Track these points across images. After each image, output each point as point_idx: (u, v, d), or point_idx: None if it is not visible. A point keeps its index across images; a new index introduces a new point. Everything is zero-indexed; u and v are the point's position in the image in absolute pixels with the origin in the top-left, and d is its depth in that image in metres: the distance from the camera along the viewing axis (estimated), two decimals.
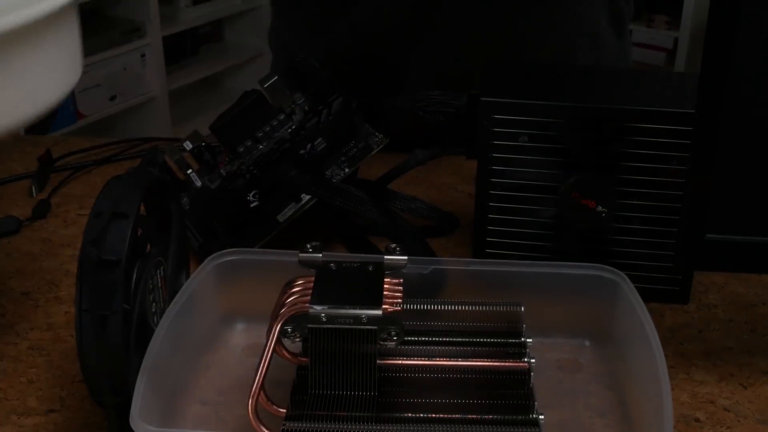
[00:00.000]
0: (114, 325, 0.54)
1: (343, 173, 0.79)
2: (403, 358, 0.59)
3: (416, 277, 0.65)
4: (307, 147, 0.76)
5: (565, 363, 0.66)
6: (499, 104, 0.70)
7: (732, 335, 0.71)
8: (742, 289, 0.77)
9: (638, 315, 0.59)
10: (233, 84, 3.37)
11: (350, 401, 0.56)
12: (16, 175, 0.95)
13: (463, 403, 0.56)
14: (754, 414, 0.63)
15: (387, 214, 0.70)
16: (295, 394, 0.57)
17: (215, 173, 0.81)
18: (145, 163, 0.62)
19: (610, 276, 0.64)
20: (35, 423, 0.62)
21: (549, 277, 0.65)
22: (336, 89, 0.79)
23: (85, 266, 0.53)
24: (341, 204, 0.70)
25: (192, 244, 0.80)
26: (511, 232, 0.74)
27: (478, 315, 0.62)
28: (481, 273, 0.65)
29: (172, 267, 0.66)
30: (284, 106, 0.82)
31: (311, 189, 0.71)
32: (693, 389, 0.65)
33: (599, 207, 0.71)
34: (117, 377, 0.55)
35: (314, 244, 0.61)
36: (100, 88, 2.73)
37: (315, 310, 0.56)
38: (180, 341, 0.61)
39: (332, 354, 0.56)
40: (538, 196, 0.73)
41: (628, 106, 0.69)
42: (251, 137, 0.80)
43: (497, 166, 0.72)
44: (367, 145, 0.79)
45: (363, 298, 0.57)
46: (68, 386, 0.66)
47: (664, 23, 3.52)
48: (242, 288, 0.67)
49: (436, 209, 0.70)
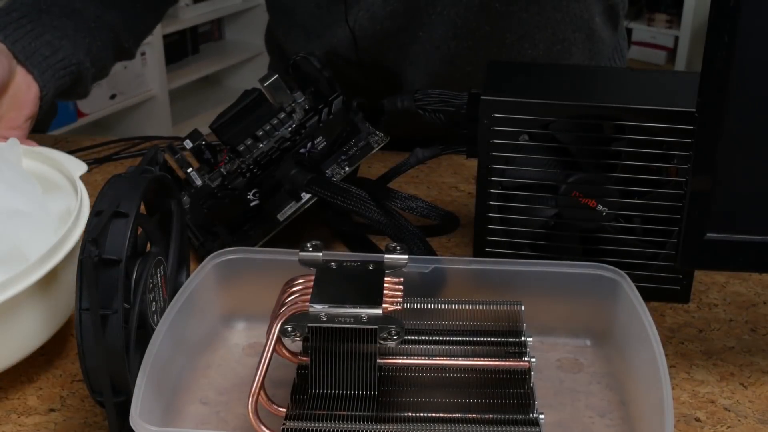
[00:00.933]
0: (114, 325, 0.54)
1: (344, 172, 0.79)
2: (403, 357, 0.59)
3: (417, 276, 0.65)
4: (307, 146, 0.76)
5: (566, 363, 0.65)
6: (500, 103, 0.70)
7: (732, 335, 0.71)
8: (743, 288, 0.77)
9: (639, 314, 0.59)
10: (233, 83, 3.38)
11: (350, 400, 0.56)
12: None
13: (463, 403, 0.56)
14: (754, 414, 0.63)
15: (387, 213, 0.70)
16: (295, 393, 0.57)
17: (215, 172, 0.81)
18: (146, 162, 0.62)
19: (611, 275, 0.64)
20: (35, 422, 0.62)
21: (549, 276, 0.65)
22: (336, 88, 0.79)
23: (85, 265, 0.53)
24: (341, 203, 0.69)
25: (192, 244, 0.80)
26: (512, 231, 0.74)
27: (479, 314, 0.62)
28: (482, 272, 0.65)
29: (172, 266, 0.66)
30: (285, 104, 0.82)
31: (311, 188, 0.71)
32: (693, 389, 0.65)
33: (599, 206, 0.71)
34: (117, 377, 0.55)
35: (314, 243, 0.61)
36: (100, 87, 2.73)
37: (315, 309, 0.56)
38: (180, 341, 0.61)
39: (332, 353, 0.56)
40: (538, 195, 0.73)
41: (628, 104, 0.68)
42: (251, 136, 0.80)
43: (497, 165, 0.72)
44: (367, 144, 0.79)
45: (363, 297, 0.57)
46: (68, 386, 0.66)
47: (665, 22, 3.52)
48: (242, 287, 0.67)
49: (436, 208, 0.70)
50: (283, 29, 1.08)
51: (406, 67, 0.99)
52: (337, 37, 0.99)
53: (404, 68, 1.00)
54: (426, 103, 0.75)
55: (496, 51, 0.95)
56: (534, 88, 0.71)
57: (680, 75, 0.77)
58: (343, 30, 0.98)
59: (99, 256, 0.54)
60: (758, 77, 0.57)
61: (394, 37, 0.96)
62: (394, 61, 0.99)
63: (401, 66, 1.00)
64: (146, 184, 0.58)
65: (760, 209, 0.60)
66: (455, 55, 0.96)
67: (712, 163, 0.59)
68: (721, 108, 0.57)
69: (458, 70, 0.98)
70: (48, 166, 0.73)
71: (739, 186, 0.60)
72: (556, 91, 0.71)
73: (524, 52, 0.96)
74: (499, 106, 0.70)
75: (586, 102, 0.69)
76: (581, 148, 0.70)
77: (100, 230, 0.54)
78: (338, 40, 0.99)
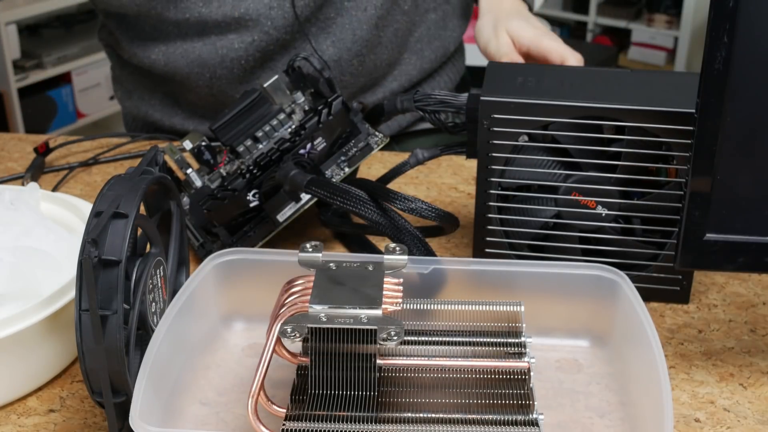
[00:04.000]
0: (113, 326, 0.54)
1: (343, 173, 0.79)
2: (402, 357, 0.59)
3: (416, 277, 0.65)
4: (307, 147, 0.76)
5: (565, 363, 0.65)
6: (499, 104, 0.70)
7: (732, 336, 0.71)
8: (742, 289, 0.77)
9: (638, 315, 0.59)
10: None
11: (350, 401, 0.56)
12: (15, 174, 0.95)
13: (462, 403, 0.56)
14: (754, 414, 0.63)
15: (387, 214, 0.70)
16: (295, 394, 0.57)
17: (215, 173, 0.81)
18: (145, 163, 0.62)
19: (610, 276, 0.64)
20: (35, 423, 0.62)
21: (549, 277, 0.65)
22: (336, 89, 0.79)
23: (85, 266, 0.53)
24: (341, 204, 0.69)
25: (192, 244, 0.80)
26: (511, 232, 0.74)
27: (478, 315, 0.62)
28: (481, 273, 0.65)
29: (172, 267, 0.66)
30: (284, 105, 0.82)
31: (311, 189, 0.71)
32: (693, 389, 0.65)
33: (599, 207, 0.71)
34: (117, 377, 0.55)
35: (314, 243, 0.61)
36: (99, 88, 2.73)
37: (315, 309, 0.56)
38: (180, 341, 0.61)
39: (332, 354, 0.56)
40: (537, 196, 0.73)
41: (628, 105, 0.68)
42: (251, 137, 0.80)
43: (497, 165, 0.72)
44: (367, 145, 0.79)
45: (363, 298, 0.57)
46: (68, 386, 0.66)
47: (665, 23, 3.52)
48: (242, 288, 0.67)
49: (436, 209, 0.70)
50: None
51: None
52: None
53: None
54: (426, 104, 0.75)
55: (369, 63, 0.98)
56: (533, 89, 0.71)
57: (680, 75, 0.77)
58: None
59: (98, 256, 0.54)
60: (758, 77, 0.57)
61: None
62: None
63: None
64: (146, 184, 0.58)
65: (760, 210, 0.60)
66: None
67: (712, 163, 0.59)
68: (721, 108, 0.57)
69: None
70: (66, 210, 0.76)
71: (739, 186, 0.60)
72: (555, 91, 0.71)
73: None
74: (499, 107, 0.70)
75: (585, 103, 0.69)
76: (581, 148, 0.70)
77: (99, 231, 0.54)
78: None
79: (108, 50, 1.07)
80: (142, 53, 0.97)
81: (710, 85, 0.57)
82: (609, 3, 3.59)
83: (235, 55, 0.94)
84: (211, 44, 0.94)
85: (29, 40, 2.60)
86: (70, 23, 2.70)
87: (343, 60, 0.97)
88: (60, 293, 0.63)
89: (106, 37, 1.05)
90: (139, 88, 1.03)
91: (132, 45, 0.98)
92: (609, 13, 3.59)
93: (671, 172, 0.71)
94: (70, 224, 0.74)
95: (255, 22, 0.92)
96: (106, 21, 1.02)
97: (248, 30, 0.92)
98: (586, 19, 3.63)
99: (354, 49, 0.96)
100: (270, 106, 0.81)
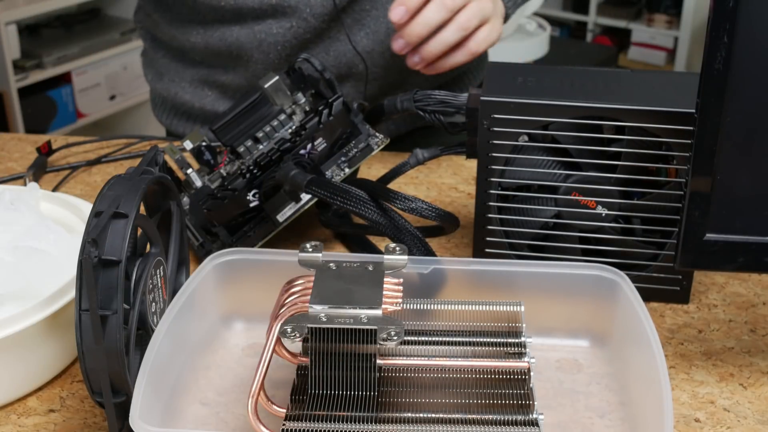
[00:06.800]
0: (113, 326, 0.54)
1: (344, 173, 0.79)
2: (402, 357, 0.59)
3: (416, 277, 0.65)
4: (307, 147, 0.76)
5: (565, 363, 0.65)
6: (499, 104, 0.70)
7: (732, 336, 0.71)
8: (742, 289, 0.77)
9: (638, 315, 0.59)
10: None
11: (350, 401, 0.56)
12: (16, 174, 0.95)
13: (462, 403, 0.56)
14: (754, 414, 0.63)
15: (387, 214, 0.70)
16: (295, 394, 0.57)
17: (215, 173, 0.81)
18: (145, 163, 0.62)
19: (610, 276, 0.64)
20: (35, 423, 0.62)
21: (549, 277, 0.65)
22: (337, 89, 0.79)
23: (85, 266, 0.53)
24: (341, 204, 0.69)
25: (192, 244, 0.80)
26: (511, 232, 0.74)
27: (478, 315, 0.62)
28: (481, 273, 0.65)
29: (172, 267, 0.66)
30: (285, 106, 0.82)
31: (311, 189, 0.71)
32: (693, 389, 0.65)
33: (599, 207, 0.71)
34: (116, 378, 0.55)
35: (314, 243, 0.61)
36: (99, 88, 2.73)
37: (315, 310, 0.56)
38: (180, 341, 0.61)
39: (332, 354, 0.56)
40: (537, 196, 0.73)
41: (628, 105, 0.68)
42: (252, 137, 0.80)
43: (497, 165, 0.72)
44: (367, 145, 0.79)
45: (363, 298, 0.57)
46: (68, 386, 0.66)
47: (664, 23, 3.52)
48: (242, 288, 0.67)
49: (436, 209, 0.70)
50: None
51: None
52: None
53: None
54: (426, 104, 0.75)
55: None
56: (533, 89, 0.71)
57: (680, 75, 0.77)
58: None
59: (98, 256, 0.54)
60: (758, 77, 0.57)
61: None
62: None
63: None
64: (146, 184, 0.58)
65: (760, 210, 0.60)
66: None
67: (712, 163, 0.59)
68: (721, 108, 0.57)
69: None
70: (66, 210, 0.76)
71: (739, 186, 0.60)
72: (555, 91, 0.71)
73: None
74: (499, 107, 0.70)
75: (585, 103, 0.69)
76: (581, 148, 0.70)
77: (99, 231, 0.54)
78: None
79: (143, 32, 1.08)
80: (181, 36, 0.99)
81: (710, 85, 0.57)
82: (609, 3, 3.59)
83: (273, 40, 0.95)
84: (249, 29, 0.95)
85: (29, 40, 2.60)
86: (70, 23, 2.70)
87: (376, 52, 0.97)
88: (60, 293, 0.63)
89: (143, 19, 1.07)
90: (170, 71, 1.05)
91: (171, 27, 1.00)
92: (609, 13, 3.59)
93: (671, 172, 0.71)
94: (70, 224, 0.74)
95: (293, 8, 0.93)
96: (143, 3, 1.04)
97: (287, 16, 0.93)
98: (586, 19, 3.63)
99: (387, 42, 0.96)
100: (271, 107, 0.81)
